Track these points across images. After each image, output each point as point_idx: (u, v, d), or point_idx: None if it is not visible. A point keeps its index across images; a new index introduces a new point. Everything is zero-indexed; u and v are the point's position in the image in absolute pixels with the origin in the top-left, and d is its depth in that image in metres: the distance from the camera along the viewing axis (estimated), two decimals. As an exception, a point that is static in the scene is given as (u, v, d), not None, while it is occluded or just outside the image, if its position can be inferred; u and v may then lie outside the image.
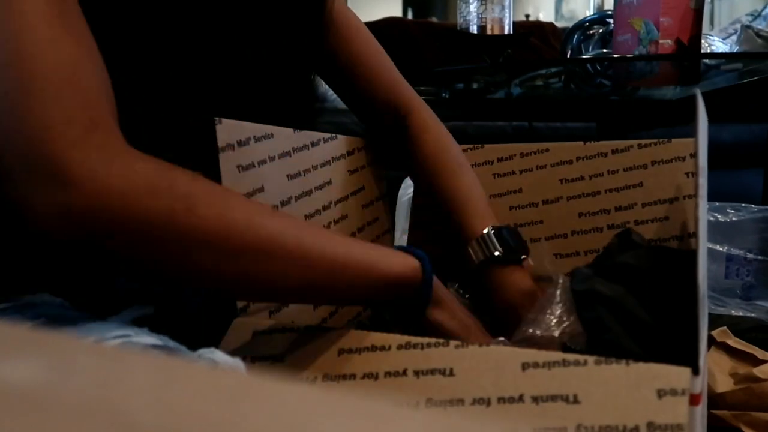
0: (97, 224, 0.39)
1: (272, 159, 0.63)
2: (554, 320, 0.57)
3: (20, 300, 0.54)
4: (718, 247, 0.86)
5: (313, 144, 0.71)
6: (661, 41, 1.11)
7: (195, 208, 0.41)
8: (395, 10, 4.71)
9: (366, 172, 0.81)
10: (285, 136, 0.66)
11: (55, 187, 0.38)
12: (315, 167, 0.71)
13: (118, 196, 0.39)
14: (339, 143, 0.76)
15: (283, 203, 0.64)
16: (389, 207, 0.87)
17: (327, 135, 0.73)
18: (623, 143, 0.77)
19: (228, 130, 0.58)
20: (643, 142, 0.76)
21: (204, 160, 0.57)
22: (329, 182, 0.73)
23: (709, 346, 0.67)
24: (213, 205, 0.43)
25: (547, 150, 0.80)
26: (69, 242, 0.39)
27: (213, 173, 0.55)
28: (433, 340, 0.48)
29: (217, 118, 0.57)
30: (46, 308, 0.53)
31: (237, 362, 0.44)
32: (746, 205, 0.92)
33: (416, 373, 0.47)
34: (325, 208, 0.72)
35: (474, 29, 1.33)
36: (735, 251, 0.86)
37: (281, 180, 0.65)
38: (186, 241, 0.41)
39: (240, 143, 0.59)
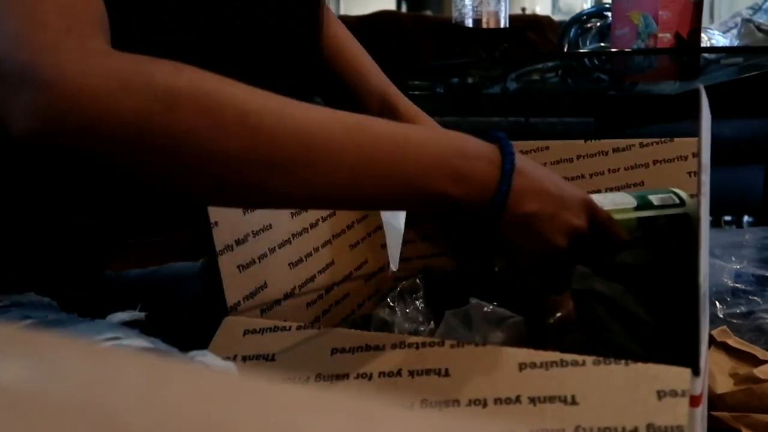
0: (69, 125, 0.36)
1: None
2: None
3: (6, 299, 0.53)
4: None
5: None
6: (660, 35, 1.10)
7: (176, 105, 0.37)
8: (389, 3, 4.70)
9: None
10: None
11: (29, 91, 0.36)
12: None
13: (89, 95, 0.36)
14: None
15: None
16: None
17: None
18: (624, 142, 0.76)
19: None
20: (645, 141, 0.76)
21: None
22: None
23: (708, 346, 0.66)
24: (199, 99, 0.38)
25: (547, 148, 0.79)
26: (47, 148, 0.37)
27: None
28: (428, 339, 0.47)
29: None
30: (32, 309, 0.52)
31: (229, 365, 0.44)
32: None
33: (411, 373, 0.46)
34: None
35: (469, 23, 1.32)
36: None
37: None
38: (166, 144, 0.37)
39: None
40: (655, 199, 0.59)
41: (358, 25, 2.70)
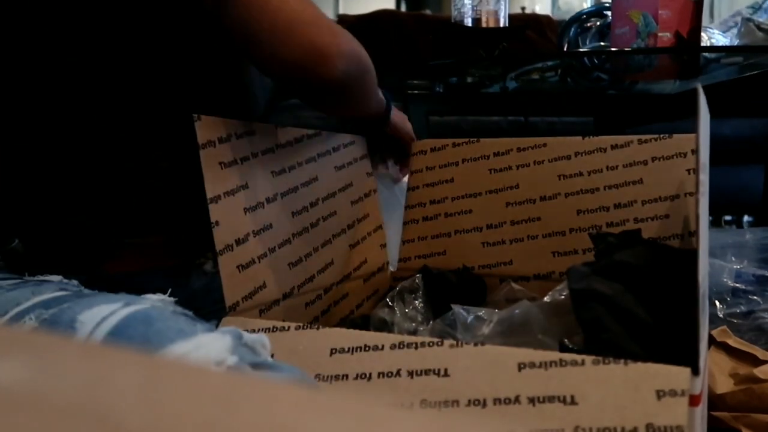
0: (356, 66, 0.65)
1: (255, 155, 0.63)
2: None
3: (35, 278, 0.56)
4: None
5: (296, 141, 0.70)
6: (659, 34, 1.10)
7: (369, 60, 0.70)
8: (388, 2, 4.69)
9: (354, 168, 0.80)
10: (267, 133, 0.66)
11: (337, 53, 0.62)
12: (300, 164, 0.70)
13: (359, 52, 0.66)
14: (323, 140, 0.75)
15: (268, 200, 0.63)
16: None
17: (310, 132, 0.73)
18: (623, 138, 0.76)
19: (207, 126, 0.57)
20: (644, 137, 0.75)
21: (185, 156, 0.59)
22: (315, 179, 0.72)
23: (708, 346, 0.66)
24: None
25: (545, 145, 0.79)
26: (338, 80, 0.63)
27: (195, 169, 0.56)
28: (427, 339, 0.47)
29: (195, 115, 0.56)
30: (65, 285, 0.55)
31: (261, 337, 0.45)
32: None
33: (410, 374, 0.46)
34: (312, 204, 0.71)
35: (468, 22, 1.31)
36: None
37: (265, 176, 0.64)
38: (370, 73, 0.70)
39: (221, 140, 0.59)
40: None
41: (358, 25, 2.70)
